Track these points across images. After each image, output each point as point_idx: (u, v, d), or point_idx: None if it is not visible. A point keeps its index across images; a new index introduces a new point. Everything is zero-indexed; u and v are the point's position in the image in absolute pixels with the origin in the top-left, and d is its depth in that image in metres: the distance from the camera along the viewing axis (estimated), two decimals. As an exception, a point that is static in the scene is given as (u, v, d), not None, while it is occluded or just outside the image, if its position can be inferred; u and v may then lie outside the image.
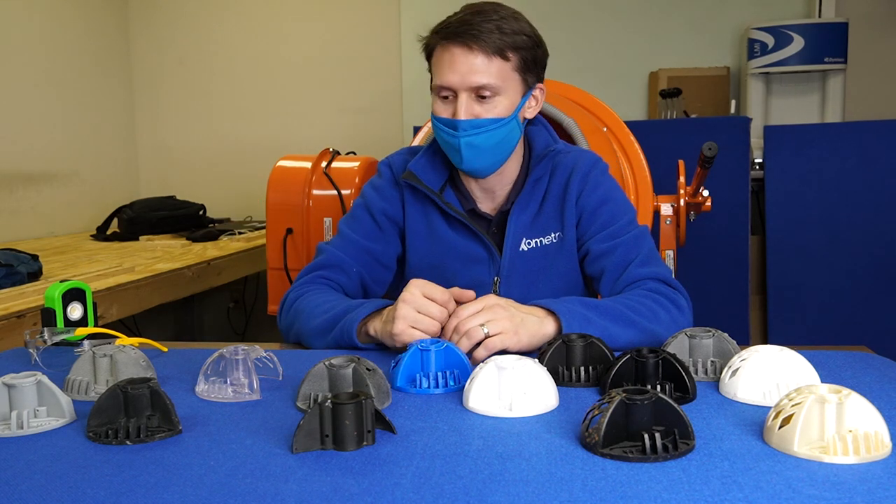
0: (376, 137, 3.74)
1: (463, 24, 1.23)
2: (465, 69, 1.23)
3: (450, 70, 1.24)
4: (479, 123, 1.25)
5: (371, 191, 1.42)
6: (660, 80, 3.37)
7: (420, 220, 1.39)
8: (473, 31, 1.22)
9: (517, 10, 1.30)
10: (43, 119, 3.32)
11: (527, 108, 1.33)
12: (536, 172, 1.36)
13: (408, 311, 1.08)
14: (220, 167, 3.93)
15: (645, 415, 0.72)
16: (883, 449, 0.70)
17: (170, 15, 3.93)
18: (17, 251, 2.10)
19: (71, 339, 1.16)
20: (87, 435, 0.80)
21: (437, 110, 1.29)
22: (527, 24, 1.29)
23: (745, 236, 2.77)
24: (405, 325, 1.07)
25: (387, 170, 1.43)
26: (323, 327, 1.19)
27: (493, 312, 1.07)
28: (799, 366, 0.88)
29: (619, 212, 1.34)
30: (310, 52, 3.83)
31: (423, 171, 1.37)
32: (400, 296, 1.11)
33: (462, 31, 1.23)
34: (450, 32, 1.24)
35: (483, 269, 1.36)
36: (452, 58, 1.24)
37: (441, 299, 1.10)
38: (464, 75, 1.23)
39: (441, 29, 1.26)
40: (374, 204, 1.40)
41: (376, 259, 1.38)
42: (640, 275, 1.26)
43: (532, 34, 1.28)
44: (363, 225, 1.39)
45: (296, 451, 0.74)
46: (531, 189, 1.36)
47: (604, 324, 1.12)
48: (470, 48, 1.23)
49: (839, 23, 3.14)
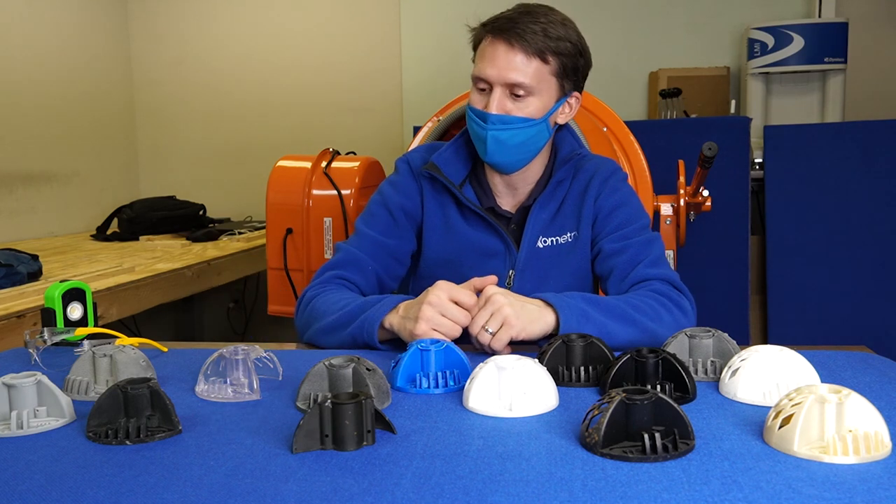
0: (376, 137, 3.74)
1: (510, 22, 1.27)
2: (502, 64, 1.26)
3: (489, 63, 1.27)
4: (507, 120, 1.28)
5: (388, 187, 1.44)
6: (660, 80, 3.37)
7: (437, 213, 1.41)
8: (518, 29, 1.26)
9: (568, 18, 1.32)
10: (43, 119, 3.32)
11: (559, 114, 1.36)
12: (560, 175, 1.38)
13: (432, 314, 1.09)
14: (220, 167, 3.93)
15: (645, 415, 0.72)
16: (883, 449, 0.70)
17: (170, 15, 3.93)
18: (17, 251, 2.10)
19: (71, 339, 1.16)
20: (87, 435, 0.80)
21: (473, 100, 1.32)
22: (574, 33, 1.31)
23: (745, 236, 2.77)
24: (427, 326, 1.08)
25: (404, 165, 1.45)
26: (338, 325, 1.20)
27: (493, 303, 1.09)
28: (799, 366, 0.88)
29: (633, 216, 1.37)
30: (310, 52, 3.82)
31: (446, 163, 1.40)
32: (426, 296, 1.11)
33: (508, 28, 1.26)
34: (496, 27, 1.28)
35: (499, 262, 1.38)
36: (494, 52, 1.27)
37: (467, 304, 1.11)
38: (500, 70, 1.26)
39: (490, 23, 1.30)
40: (391, 199, 1.42)
41: (391, 255, 1.40)
42: (648, 275, 1.28)
43: (577, 42, 1.31)
44: (379, 221, 1.41)
45: (296, 451, 0.74)
46: (553, 190, 1.39)
47: (603, 320, 1.13)
48: (511, 45, 1.26)
49: (839, 23, 3.14)
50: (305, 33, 3.83)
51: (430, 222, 1.41)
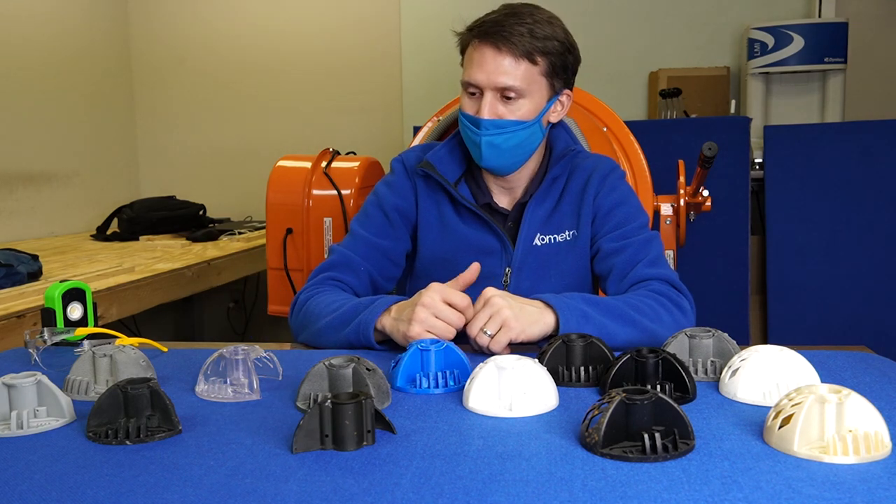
0: (376, 137, 3.74)
1: (496, 25, 1.25)
2: (491, 69, 1.25)
3: (478, 68, 1.26)
4: (501, 124, 1.28)
5: (383, 187, 1.44)
6: (660, 80, 3.37)
7: (432, 212, 1.41)
8: (505, 32, 1.24)
9: (554, 15, 1.31)
10: (43, 119, 3.32)
11: (551, 113, 1.35)
12: (555, 171, 1.38)
13: (426, 316, 1.08)
14: (220, 167, 3.93)
15: (645, 415, 0.72)
16: (883, 449, 0.70)
17: (170, 15, 3.93)
18: (17, 251, 2.10)
19: (71, 339, 1.16)
20: (87, 435, 0.80)
21: (464, 106, 1.31)
22: (560, 30, 1.30)
23: (745, 236, 2.77)
24: (421, 329, 1.08)
25: (399, 165, 1.45)
26: (333, 327, 1.20)
27: (492, 306, 1.08)
28: (799, 366, 0.88)
29: (632, 215, 1.37)
30: (310, 52, 3.82)
31: (441, 162, 1.39)
32: (419, 298, 1.10)
33: (494, 32, 1.25)
34: (483, 31, 1.27)
35: (495, 260, 1.37)
36: (482, 57, 1.26)
37: (461, 305, 1.10)
38: (490, 75, 1.25)
39: (476, 27, 1.29)
40: (385, 200, 1.41)
41: (386, 255, 1.39)
42: (647, 275, 1.27)
43: (564, 40, 1.30)
44: (374, 222, 1.40)
45: (296, 451, 0.74)
46: (548, 186, 1.38)
47: (602, 321, 1.13)
48: (499, 49, 1.25)
49: (839, 23, 3.14)
50: (306, 33, 3.83)
51: (425, 221, 1.41)
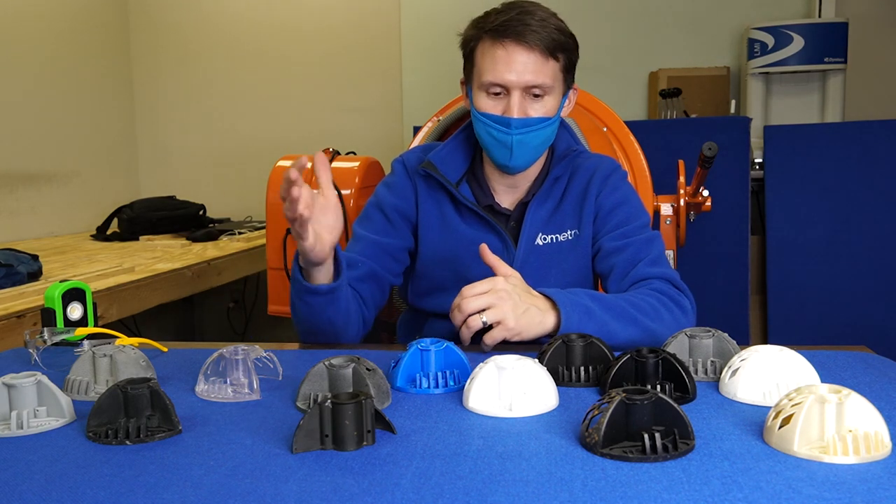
0: (376, 137, 3.74)
1: (518, 24, 1.23)
2: (521, 68, 1.24)
3: (506, 68, 1.24)
4: (530, 122, 1.27)
5: (383, 188, 1.44)
6: (660, 80, 3.37)
7: (433, 212, 1.41)
8: (532, 29, 1.23)
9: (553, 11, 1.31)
10: (43, 119, 3.31)
11: (564, 109, 1.36)
12: (557, 171, 1.38)
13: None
14: (220, 167, 3.93)
15: (645, 415, 0.72)
16: (883, 449, 0.70)
17: (170, 14, 3.93)
18: (17, 251, 2.10)
19: (71, 339, 1.16)
20: (87, 435, 0.80)
21: (485, 106, 1.29)
22: (566, 26, 1.30)
23: (745, 236, 2.77)
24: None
25: (400, 166, 1.45)
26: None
27: (498, 298, 1.08)
28: (799, 366, 0.88)
29: (634, 214, 1.37)
30: (310, 52, 3.82)
31: (443, 162, 1.39)
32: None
33: (520, 30, 1.23)
34: (502, 30, 1.24)
35: None
36: (509, 56, 1.24)
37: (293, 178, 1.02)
38: (521, 74, 1.24)
39: (491, 26, 1.26)
40: (385, 201, 1.41)
41: (388, 252, 1.39)
42: (648, 274, 1.28)
43: (572, 36, 1.30)
44: (374, 222, 1.41)
45: (296, 451, 0.74)
46: (550, 186, 1.38)
47: (604, 318, 1.13)
48: (529, 47, 1.24)
49: (839, 23, 3.14)
50: (305, 33, 3.83)
51: (426, 221, 1.41)
